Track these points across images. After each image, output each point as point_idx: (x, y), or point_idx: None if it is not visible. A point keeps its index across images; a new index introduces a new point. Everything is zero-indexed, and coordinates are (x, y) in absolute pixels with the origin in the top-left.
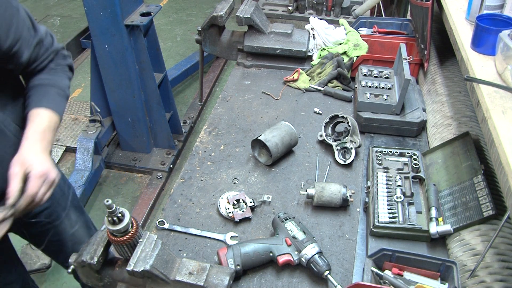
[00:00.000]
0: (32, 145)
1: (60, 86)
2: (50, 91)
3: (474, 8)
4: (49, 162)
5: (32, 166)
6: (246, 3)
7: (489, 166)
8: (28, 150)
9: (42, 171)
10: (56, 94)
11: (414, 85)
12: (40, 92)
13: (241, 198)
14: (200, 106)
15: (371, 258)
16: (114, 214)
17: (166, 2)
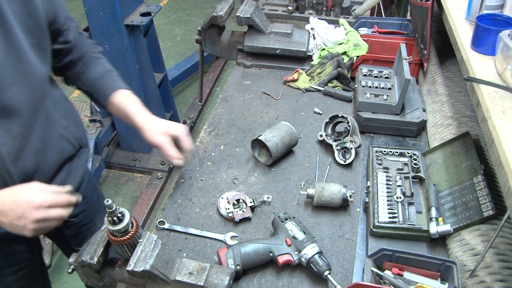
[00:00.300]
0: (151, 117)
1: (114, 69)
2: (114, 76)
3: (474, 8)
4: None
5: (174, 130)
6: (246, 3)
7: (489, 166)
8: (151, 121)
9: (184, 130)
10: (118, 77)
11: (414, 85)
12: (108, 79)
13: (241, 198)
14: (200, 106)
15: (371, 258)
16: (114, 214)
17: (166, 2)
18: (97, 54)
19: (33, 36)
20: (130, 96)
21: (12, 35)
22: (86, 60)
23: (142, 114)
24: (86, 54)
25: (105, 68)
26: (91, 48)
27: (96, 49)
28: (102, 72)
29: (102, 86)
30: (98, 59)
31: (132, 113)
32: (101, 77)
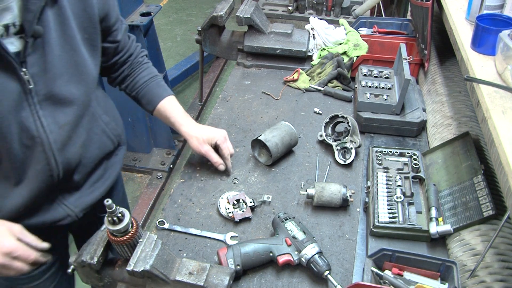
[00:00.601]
0: (194, 125)
1: (158, 73)
2: (160, 82)
3: (474, 8)
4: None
5: (215, 137)
6: (246, 3)
7: (489, 166)
8: (196, 130)
9: (223, 136)
10: (163, 82)
11: (414, 85)
12: (155, 85)
13: (241, 198)
14: (200, 106)
15: (371, 258)
16: (114, 214)
17: (166, 2)
18: (143, 57)
19: (85, 31)
20: (175, 104)
21: (69, 28)
22: (132, 64)
23: (186, 123)
24: (132, 58)
25: (150, 73)
26: (138, 52)
27: (143, 53)
28: (147, 78)
29: (148, 93)
30: (144, 64)
31: (177, 122)
32: (146, 83)
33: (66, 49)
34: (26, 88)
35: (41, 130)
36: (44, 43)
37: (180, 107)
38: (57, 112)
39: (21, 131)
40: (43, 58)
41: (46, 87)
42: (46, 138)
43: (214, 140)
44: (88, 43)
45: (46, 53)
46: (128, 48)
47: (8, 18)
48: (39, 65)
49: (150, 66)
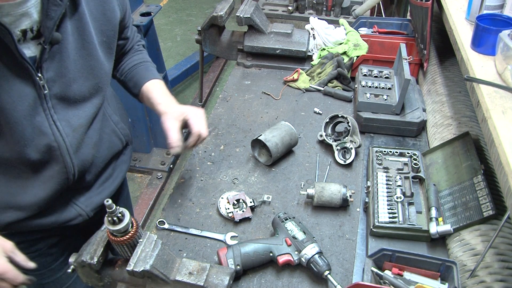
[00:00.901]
0: (171, 104)
1: (150, 61)
2: (149, 67)
3: (474, 8)
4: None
5: (185, 113)
6: (246, 3)
7: (489, 166)
8: (171, 107)
9: (196, 113)
10: (153, 68)
11: (414, 85)
12: (143, 69)
13: (241, 198)
14: (200, 106)
15: (371, 258)
16: (114, 214)
17: (166, 2)
18: (139, 46)
19: (104, 34)
20: (159, 85)
21: (87, 33)
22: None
23: (164, 102)
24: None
25: (141, 58)
26: (135, 41)
27: (140, 42)
28: (137, 62)
29: (135, 75)
30: (137, 51)
31: (155, 102)
32: (135, 67)
33: (83, 54)
34: (41, 93)
35: (57, 134)
36: (61, 49)
37: (163, 88)
38: (70, 114)
39: (37, 136)
40: (59, 64)
41: (61, 91)
42: (62, 141)
43: (183, 115)
44: (105, 46)
45: (62, 59)
46: (131, 39)
47: (27, 23)
48: (54, 70)
49: (143, 53)
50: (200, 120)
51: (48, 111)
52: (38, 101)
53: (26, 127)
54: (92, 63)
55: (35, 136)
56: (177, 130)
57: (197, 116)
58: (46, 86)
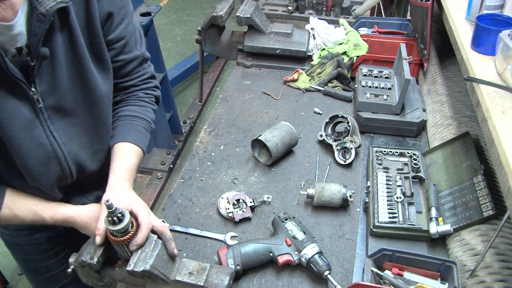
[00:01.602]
0: (121, 183)
1: (147, 119)
2: (137, 124)
3: (474, 8)
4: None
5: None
6: (246, 3)
7: (489, 166)
8: (120, 188)
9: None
10: (143, 128)
11: (414, 85)
12: (127, 125)
13: (241, 198)
14: (200, 106)
15: (371, 258)
16: (114, 214)
17: (166, 2)
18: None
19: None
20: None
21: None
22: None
23: (115, 174)
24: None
25: (136, 112)
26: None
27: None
28: (128, 114)
29: (116, 127)
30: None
31: (112, 170)
32: (124, 117)
33: (75, 66)
34: (36, 107)
35: (55, 144)
36: (53, 61)
37: (130, 159)
38: (66, 123)
39: (36, 148)
40: (52, 76)
41: (55, 102)
42: (60, 151)
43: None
44: (98, 58)
45: (55, 71)
46: (134, 78)
47: (21, 41)
48: (48, 83)
49: (146, 106)
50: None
51: (44, 123)
52: (33, 114)
53: (24, 140)
54: (84, 75)
55: (33, 148)
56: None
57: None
58: (40, 99)
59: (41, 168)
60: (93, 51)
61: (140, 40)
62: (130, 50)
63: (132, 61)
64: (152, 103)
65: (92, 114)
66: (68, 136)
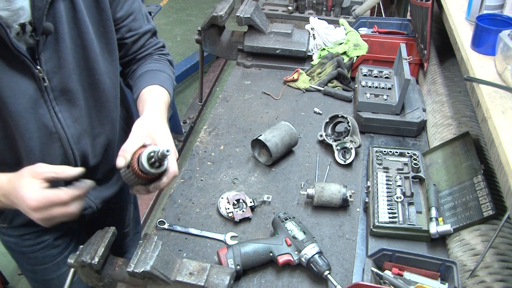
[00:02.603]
0: (157, 112)
1: (167, 72)
2: (160, 75)
3: (474, 8)
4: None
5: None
6: (246, 3)
7: (489, 166)
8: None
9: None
10: (166, 78)
11: (414, 85)
12: (151, 75)
13: (241, 198)
14: (200, 106)
15: (371, 258)
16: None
17: (166, 2)
18: (161, 57)
19: (100, 24)
20: (157, 91)
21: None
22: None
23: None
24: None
25: (157, 67)
26: (160, 52)
27: (166, 57)
28: (150, 69)
29: (140, 81)
30: (157, 61)
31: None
32: (146, 73)
33: (79, 44)
34: (42, 85)
35: (58, 125)
36: (57, 39)
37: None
38: (71, 106)
39: (39, 128)
40: (57, 54)
41: (61, 83)
42: (63, 133)
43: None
44: (103, 37)
45: (59, 49)
46: (148, 48)
47: (25, 17)
48: (53, 61)
49: (163, 62)
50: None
51: (50, 103)
52: (39, 93)
53: (30, 120)
54: (87, 53)
55: (38, 128)
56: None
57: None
58: (46, 78)
59: (43, 149)
60: (99, 28)
61: (147, 16)
62: (140, 25)
63: (145, 34)
64: (168, 63)
65: (93, 95)
66: (73, 119)
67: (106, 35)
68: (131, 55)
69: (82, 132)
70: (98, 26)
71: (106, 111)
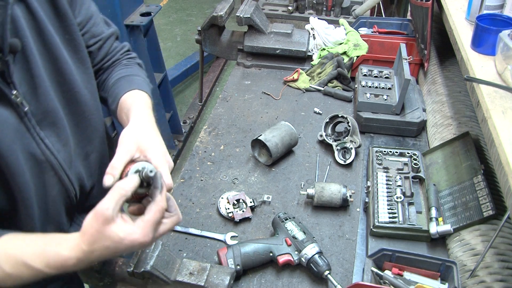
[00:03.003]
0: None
1: (141, 75)
2: (135, 79)
3: (474, 8)
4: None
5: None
6: (246, 3)
7: (489, 166)
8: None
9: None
10: (142, 81)
11: (414, 85)
12: (126, 81)
13: (241, 198)
14: (200, 106)
15: (371, 258)
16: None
17: (166, 2)
18: (129, 61)
19: (64, 31)
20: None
21: (46, 32)
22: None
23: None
24: (120, 60)
25: (130, 72)
26: (127, 57)
27: (134, 60)
28: (123, 75)
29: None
30: (127, 66)
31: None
32: (120, 80)
33: (48, 57)
34: (21, 111)
35: (47, 152)
36: (26, 56)
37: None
38: (56, 128)
39: (28, 160)
40: (30, 73)
41: (40, 104)
42: (54, 159)
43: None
44: (71, 45)
45: (31, 67)
46: (115, 53)
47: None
48: (27, 82)
49: (135, 67)
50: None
51: (33, 130)
52: (19, 121)
53: (17, 152)
54: (60, 66)
55: (26, 160)
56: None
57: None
58: (25, 102)
59: (37, 182)
60: (65, 36)
61: (106, 20)
62: (102, 30)
63: (109, 38)
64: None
65: (75, 111)
66: (62, 142)
67: (73, 42)
68: (98, 64)
69: (72, 154)
70: (63, 33)
71: (92, 125)
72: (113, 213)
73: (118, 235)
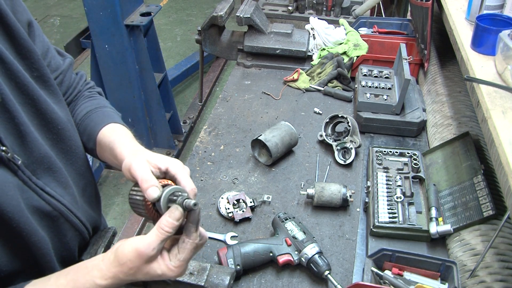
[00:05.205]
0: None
1: (108, 106)
2: (105, 112)
3: (474, 8)
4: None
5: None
6: (246, 3)
7: (489, 166)
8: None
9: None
10: (113, 113)
11: (414, 85)
12: (97, 116)
13: (241, 198)
14: (200, 106)
15: (371, 258)
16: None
17: (166, 2)
18: (90, 92)
19: (32, 68)
20: (120, 128)
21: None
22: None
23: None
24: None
25: (96, 104)
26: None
27: (94, 90)
28: (90, 109)
29: (89, 124)
30: (90, 97)
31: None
32: (88, 114)
33: (26, 101)
34: (13, 166)
35: (52, 201)
36: (4, 105)
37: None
38: (53, 173)
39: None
40: (13, 122)
41: (31, 153)
42: (61, 205)
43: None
44: (41, 81)
45: (13, 116)
46: (76, 85)
47: None
48: (12, 133)
49: (99, 99)
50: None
51: (30, 182)
52: (14, 176)
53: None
54: (40, 107)
55: (34, 214)
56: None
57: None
58: (16, 156)
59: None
60: (33, 74)
61: (58, 50)
62: (59, 62)
63: (68, 70)
64: (96, 96)
65: (63, 150)
66: (62, 185)
67: (43, 78)
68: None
69: (73, 194)
70: (31, 71)
71: (80, 158)
72: (157, 253)
73: (156, 272)
